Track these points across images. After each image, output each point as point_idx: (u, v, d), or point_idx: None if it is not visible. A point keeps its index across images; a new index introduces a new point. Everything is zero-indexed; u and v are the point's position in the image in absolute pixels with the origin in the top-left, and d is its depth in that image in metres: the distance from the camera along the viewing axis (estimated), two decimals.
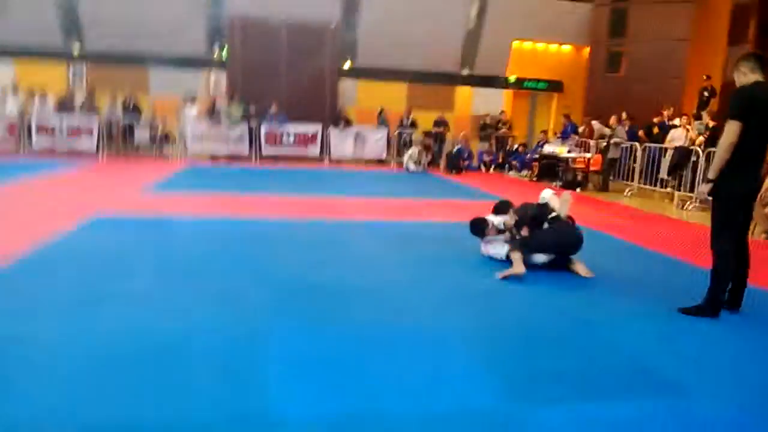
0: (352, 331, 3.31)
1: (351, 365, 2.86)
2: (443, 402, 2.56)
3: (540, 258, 4.96)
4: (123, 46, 15.15)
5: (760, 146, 3.86)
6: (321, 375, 2.74)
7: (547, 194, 5.31)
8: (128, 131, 13.94)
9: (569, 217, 5.21)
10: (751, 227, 7.38)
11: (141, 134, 14.01)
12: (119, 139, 13.91)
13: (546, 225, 5.02)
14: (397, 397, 2.56)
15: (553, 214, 5.07)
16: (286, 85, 15.16)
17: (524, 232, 5.04)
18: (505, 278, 4.55)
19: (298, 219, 6.77)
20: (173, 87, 14.99)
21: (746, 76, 3.89)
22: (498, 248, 5.19)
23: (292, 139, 14.49)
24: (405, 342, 3.19)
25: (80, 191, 8.28)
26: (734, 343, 3.51)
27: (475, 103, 17.30)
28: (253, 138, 14.23)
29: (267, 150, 14.35)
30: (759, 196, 7.31)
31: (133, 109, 14.11)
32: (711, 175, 3.86)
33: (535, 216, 5.12)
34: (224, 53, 15.73)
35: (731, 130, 3.74)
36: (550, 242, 4.93)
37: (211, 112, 14.36)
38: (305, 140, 14.58)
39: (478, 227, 5.37)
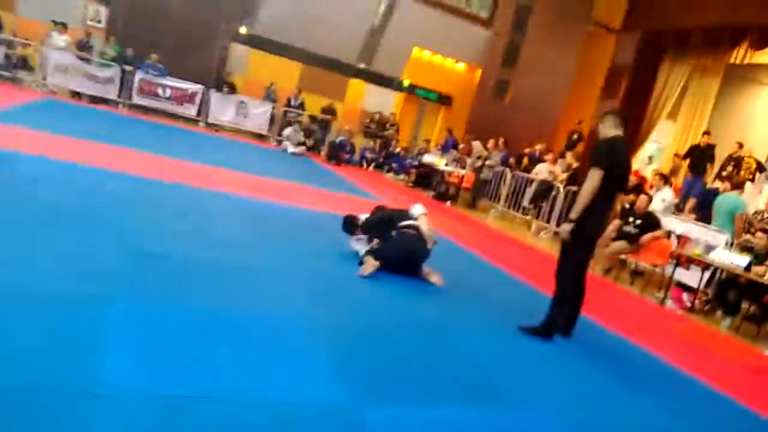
0: (199, 309, 3.11)
1: (190, 344, 2.68)
2: (279, 390, 2.47)
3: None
4: None
5: (613, 194, 4.23)
6: (159, 350, 2.54)
7: (418, 210, 5.27)
8: None
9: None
10: (592, 264, 8.09)
11: None
12: None
13: (394, 233, 4.98)
14: (232, 381, 2.43)
15: (404, 223, 5.02)
16: (173, 36, 14.13)
17: (374, 243, 5.02)
18: (363, 276, 4.53)
19: (162, 181, 6.27)
20: (44, 10, 13.36)
21: (609, 129, 4.28)
22: (361, 246, 5.17)
23: (168, 93, 13.53)
24: (249, 326, 3.06)
25: None
26: (562, 363, 3.76)
27: (366, 99, 17.34)
28: (125, 84, 13.10)
29: (138, 99, 13.27)
30: (602, 238, 8.06)
31: None
32: (573, 216, 4.11)
33: (381, 222, 5.11)
34: None
35: (594, 177, 4.04)
36: (393, 252, 4.86)
37: (83, 46, 13.01)
38: (182, 98, 13.69)
39: (350, 224, 5.34)
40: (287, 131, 13.71)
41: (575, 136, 13.96)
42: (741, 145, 10.86)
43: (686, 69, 14.71)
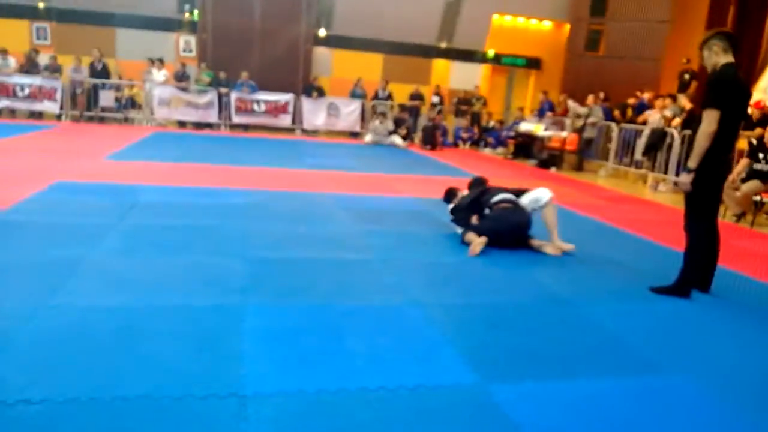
0: (323, 307, 3.20)
1: (321, 341, 2.77)
2: (411, 376, 2.48)
3: None
4: (90, 5, 14.49)
5: (735, 133, 3.82)
6: (292, 351, 2.65)
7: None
8: (93, 94, 13.39)
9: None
10: (722, 210, 7.43)
11: (106, 98, 13.46)
12: (84, 102, 13.35)
13: (486, 211, 4.89)
14: (366, 374, 2.48)
15: (496, 198, 4.89)
16: (259, 52, 14.76)
17: (473, 220, 4.94)
18: (474, 254, 4.48)
19: (268, 191, 6.54)
20: (141, 49, 14.40)
21: (718, 56, 3.77)
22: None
23: (263, 107, 14.12)
24: (372, 317, 3.10)
25: (40, 157, 7.86)
26: (704, 321, 3.51)
27: (452, 77, 17.05)
28: (223, 105, 13.83)
29: (237, 118, 13.96)
30: (729, 180, 7.36)
31: (101, 71, 13.51)
32: (692, 164, 3.73)
33: (472, 203, 5.02)
34: (196, 16, 15.14)
35: (711, 118, 3.63)
36: (493, 227, 4.75)
37: (180, 77, 13.88)
38: (276, 109, 14.22)
39: (450, 194, 5.40)
40: (377, 124, 13.79)
41: (686, 76, 12.87)
42: None
43: None
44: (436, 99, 15.36)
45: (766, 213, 7.60)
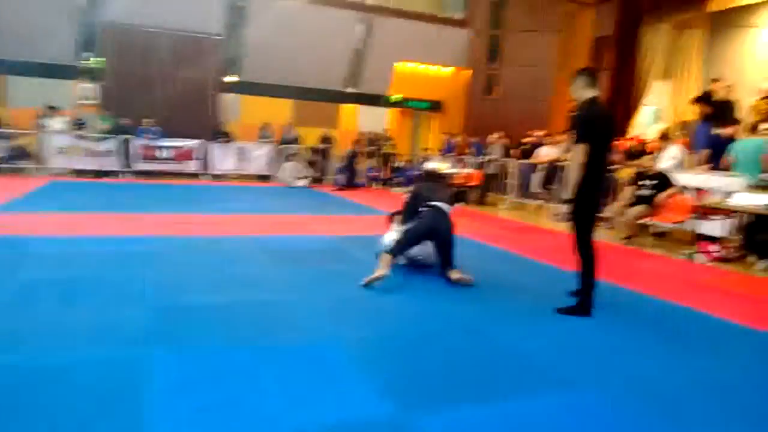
0: (235, 351, 3.13)
1: (234, 386, 2.70)
2: (334, 414, 2.48)
3: (416, 251, 5.13)
4: None
5: (602, 160, 4.09)
6: (203, 400, 2.55)
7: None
8: None
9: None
10: (612, 234, 8.06)
11: None
12: None
13: (421, 210, 5.13)
14: (284, 416, 2.45)
15: (430, 203, 5.14)
16: (164, 98, 14.45)
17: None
18: (369, 283, 4.58)
19: (176, 237, 6.34)
20: (34, 97, 13.69)
21: (584, 90, 4.09)
22: (391, 236, 5.31)
23: (168, 153, 13.77)
24: (292, 358, 3.08)
25: None
26: (608, 337, 3.75)
27: (361, 120, 17.50)
28: (125, 153, 13.36)
29: (140, 165, 13.49)
30: (617, 206, 8.02)
31: None
32: (567, 196, 4.06)
33: (408, 204, 5.28)
34: (96, 62, 14.66)
35: (581, 151, 3.94)
36: (421, 228, 4.99)
37: (79, 125, 13.31)
38: (182, 155, 13.91)
39: (393, 214, 5.66)
40: (287, 166, 13.84)
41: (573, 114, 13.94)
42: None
43: (668, 27, 14.71)
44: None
45: (651, 235, 8.25)
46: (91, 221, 7.07)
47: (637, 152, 9.50)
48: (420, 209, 5.15)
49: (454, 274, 4.83)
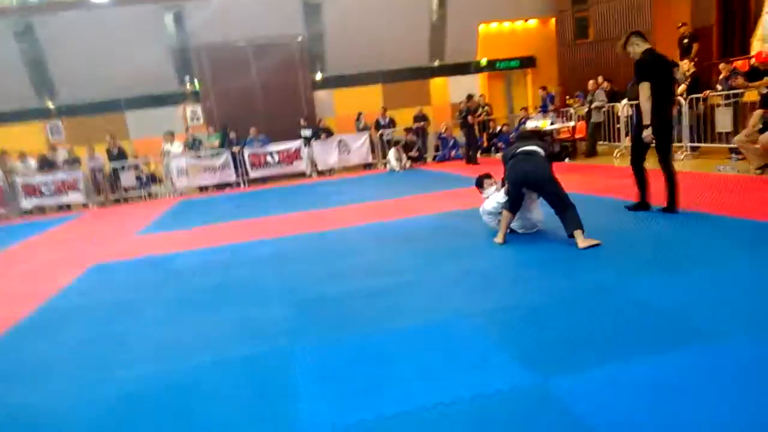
0: (369, 336, 3.28)
1: (373, 370, 2.83)
2: (468, 387, 2.51)
3: (534, 216, 5.11)
4: (96, 96, 15.14)
5: (664, 93, 5.24)
6: (346, 384, 2.71)
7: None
8: (114, 177, 13.90)
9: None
10: (744, 165, 7.41)
11: (127, 178, 13.97)
12: (106, 186, 13.86)
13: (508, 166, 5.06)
14: (422, 393, 2.52)
15: (519, 150, 5.04)
16: (263, 107, 15.24)
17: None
18: (502, 242, 4.88)
19: (298, 235, 6.70)
20: (151, 126, 14.98)
21: (639, 46, 5.33)
22: (490, 203, 5.36)
23: (276, 158, 14.48)
24: (423, 337, 3.16)
25: (74, 244, 8.18)
26: (751, 281, 3.45)
27: (452, 92, 17.27)
28: (238, 164, 14.22)
29: (254, 173, 14.33)
30: (744, 134, 7.33)
31: (119, 155, 14.05)
32: (646, 121, 5.20)
33: (505, 164, 5.21)
34: (195, 84, 15.70)
35: (645, 89, 5.15)
36: (513, 176, 4.91)
37: (191, 145, 14.33)
38: (289, 157, 14.57)
39: (479, 179, 5.70)
40: (390, 155, 14.04)
41: (686, 41, 12.84)
42: None
43: None
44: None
45: None
46: (222, 231, 7.63)
47: (765, 71, 8.58)
48: (511, 157, 5.08)
49: (581, 242, 4.54)
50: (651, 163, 5.58)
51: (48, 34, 14.43)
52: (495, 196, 5.36)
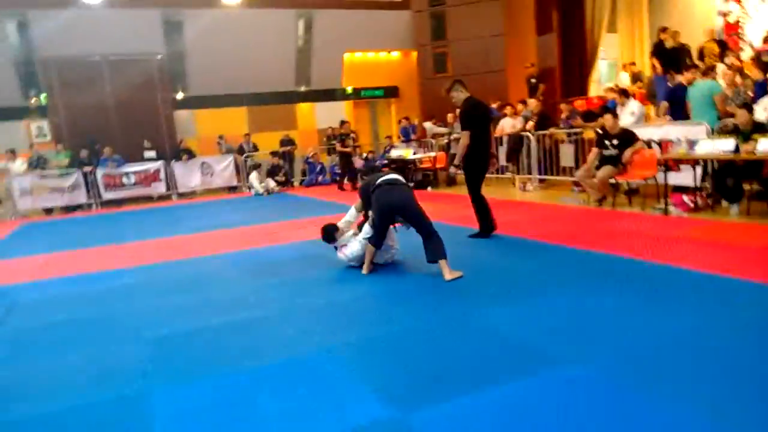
0: (232, 375, 3.13)
1: (235, 411, 2.71)
2: (335, 425, 2.50)
3: (388, 241, 5.11)
4: None
5: (483, 137, 6.08)
6: (207, 428, 2.57)
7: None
8: None
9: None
10: (585, 197, 8.18)
11: None
12: None
13: (372, 198, 5.01)
14: (286, 429, 2.47)
15: (381, 180, 5.03)
16: (119, 125, 14.22)
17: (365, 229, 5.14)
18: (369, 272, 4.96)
19: (155, 264, 6.31)
20: None
21: (462, 93, 6.06)
22: (353, 247, 5.25)
23: (132, 179, 13.59)
24: (284, 374, 3.09)
25: None
26: (589, 307, 3.76)
27: (318, 117, 17.40)
28: (90, 185, 13.13)
29: (108, 194, 13.35)
30: (584, 169, 8.10)
31: None
32: (457, 161, 6.10)
33: (362, 197, 5.21)
34: (42, 99, 14.35)
35: (464, 137, 5.95)
36: (377, 212, 4.90)
37: (36, 164, 13.03)
38: (148, 179, 13.75)
39: (329, 233, 5.43)
40: (251, 177, 13.81)
41: (533, 80, 14.03)
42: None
43: None
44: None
45: (623, 194, 8.32)
46: (69, 260, 6.99)
47: (599, 110, 9.59)
48: (372, 192, 5.02)
49: (447, 274, 4.64)
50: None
51: None
52: (356, 240, 5.27)
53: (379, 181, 5.04)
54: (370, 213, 5.08)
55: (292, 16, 16.28)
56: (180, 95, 15.77)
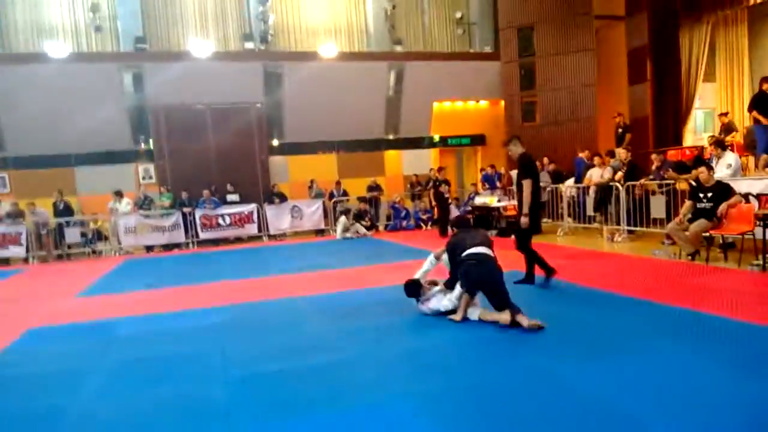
0: (310, 420, 3.24)
1: None
2: None
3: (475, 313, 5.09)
4: (46, 149, 14.86)
5: (538, 188, 6.56)
6: None
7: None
8: (59, 233, 13.49)
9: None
10: (676, 250, 7.84)
11: (72, 234, 13.58)
12: (50, 242, 13.41)
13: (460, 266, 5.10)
14: None
15: (467, 252, 5.07)
16: (217, 169, 15.28)
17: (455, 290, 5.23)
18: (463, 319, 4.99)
19: (244, 303, 6.65)
20: (101, 183, 14.75)
21: (519, 147, 6.55)
22: (438, 302, 5.33)
23: (228, 220, 14.45)
24: (363, 421, 3.16)
25: (11, 304, 7.84)
26: (683, 369, 3.61)
27: (404, 164, 17.81)
28: (189, 225, 14.09)
29: (204, 234, 14.22)
30: (677, 221, 7.80)
31: (64, 210, 13.70)
32: (526, 210, 6.33)
33: (449, 251, 5.32)
34: (150, 144, 15.69)
35: (527, 185, 6.32)
36: (466, 286, 5.03)
37: (141, 204, 14.16)
38: (242, 220, 14.57)
39: (413, 289, 5.54)
40: (339, 222, 14.27)
41: (620, 130, 13.77)
42: None
43: (707, 27, 14.46)
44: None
45: (717, 248, 7.94)
46: (165, 297, 7.48)
47: (694, 160, 9.24)
48: (459, 260, 5.12)
49: (524, 321, 4.66)
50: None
51: (2, 85, 14.23)
52: (443, 296, 5.37)
53: (468, 252, 5.08)
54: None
55: (385, 68, 16.95)
56: (276, 142, 16.69)
